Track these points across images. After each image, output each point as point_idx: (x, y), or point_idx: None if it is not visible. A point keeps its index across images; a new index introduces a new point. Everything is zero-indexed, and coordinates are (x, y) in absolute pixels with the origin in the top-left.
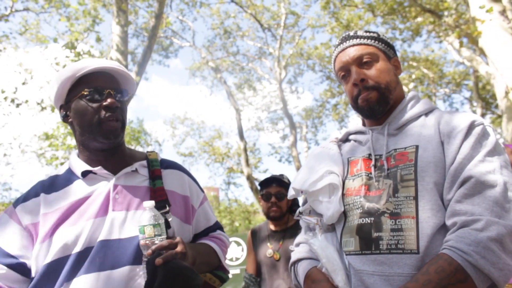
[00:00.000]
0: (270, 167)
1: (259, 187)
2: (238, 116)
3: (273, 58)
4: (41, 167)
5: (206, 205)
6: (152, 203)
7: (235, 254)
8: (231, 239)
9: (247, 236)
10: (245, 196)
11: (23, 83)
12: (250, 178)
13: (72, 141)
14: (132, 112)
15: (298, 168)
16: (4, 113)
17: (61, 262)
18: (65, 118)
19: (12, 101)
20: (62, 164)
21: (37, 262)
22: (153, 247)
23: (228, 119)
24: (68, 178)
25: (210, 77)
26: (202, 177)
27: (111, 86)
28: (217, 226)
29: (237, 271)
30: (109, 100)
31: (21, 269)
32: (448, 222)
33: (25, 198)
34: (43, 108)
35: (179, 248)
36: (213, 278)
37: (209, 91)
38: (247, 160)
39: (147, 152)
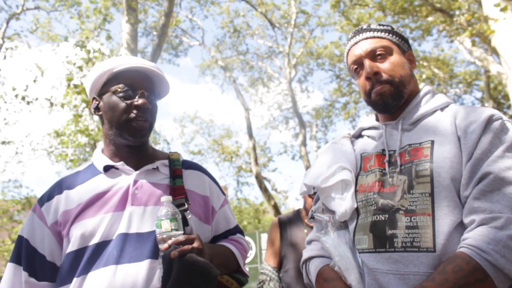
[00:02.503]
0: (281, 166)
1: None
2: (247, 115)
3: (283, 57)
4: (51, 165)
5: (227, 208)
6: (169, 198)
7: None
8: None
9: (256, 235)
10: (254, 195)
11: (34, 81)
12: (259, 177)
13: (82, 139)
14: None
15: (307, 168)
16: (15, 110)
17: (79, 254)
18: (95, 110)
19: (23, 98)
20: (71, 161)
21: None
22: (170, 241)
23: (238, 118)
24: (90, 172)
25: (221, 76)
26: None
27: (145, 87)
28: (238, 230)
29: (246, 269)
30: (140, 101)
31: (52, 274)
32: (466, 220)
33: (49, 196)
34: (52, 104)
35: (195, 244)
36: (230, 280)
37: (220, 89)
38: (256, 159)
39: (170, 152)
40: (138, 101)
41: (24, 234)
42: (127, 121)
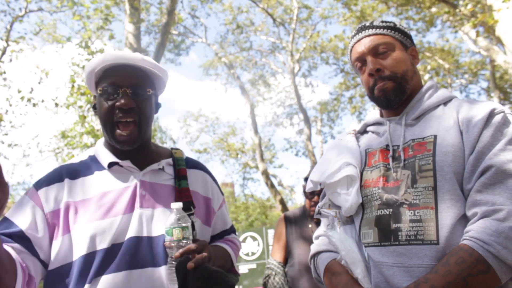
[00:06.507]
0: (286, 162)
1: (304, 181)
2: (252, 112)
3: (286, 52)
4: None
5: (224, 208)
6: (180, 204)
7: (251, 249)
8: (247, 234)
9: (263, 231)
10: (261, 191)
11: (39, 82)
12: (265, 173)
13: (88, 140)
14: None
15: (313, 163)
16: (21, 113)
17: (89, 258)
18: (94, 109)
19: (29, 100)
20: None
21: (57, 256)
22: (181, 250)
23: (242, 115)
24: (94, 166)
25: (224, 74)
26: (217, 174)
27: (129, 83)
28: (232, 230)
29: (254, 265)
30: (122, 101)
31: (26, 244)
32: (469, 213)
33: (48, 181)
34: (57, 105)
35: (205, 253)
36: None
37: (224, 87)
38: (262, 156)
39: (172, 149)
40: (120, 101)
41: (10, 216)
42: (112, 125)
